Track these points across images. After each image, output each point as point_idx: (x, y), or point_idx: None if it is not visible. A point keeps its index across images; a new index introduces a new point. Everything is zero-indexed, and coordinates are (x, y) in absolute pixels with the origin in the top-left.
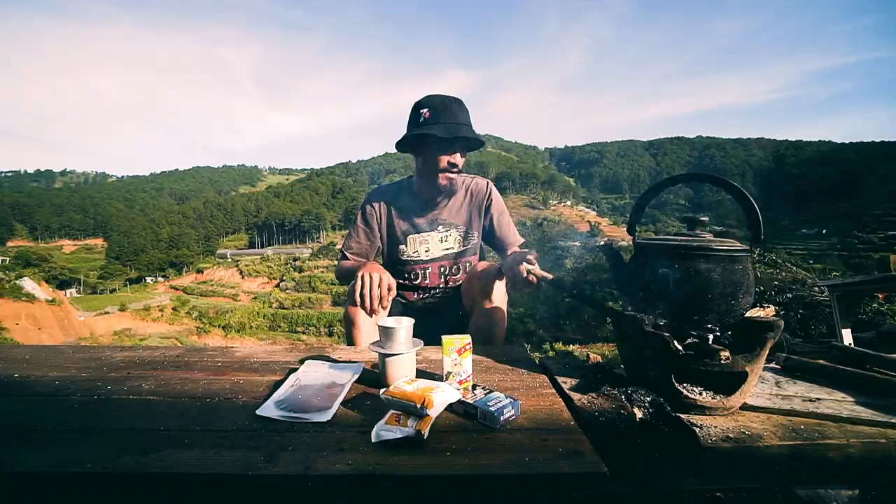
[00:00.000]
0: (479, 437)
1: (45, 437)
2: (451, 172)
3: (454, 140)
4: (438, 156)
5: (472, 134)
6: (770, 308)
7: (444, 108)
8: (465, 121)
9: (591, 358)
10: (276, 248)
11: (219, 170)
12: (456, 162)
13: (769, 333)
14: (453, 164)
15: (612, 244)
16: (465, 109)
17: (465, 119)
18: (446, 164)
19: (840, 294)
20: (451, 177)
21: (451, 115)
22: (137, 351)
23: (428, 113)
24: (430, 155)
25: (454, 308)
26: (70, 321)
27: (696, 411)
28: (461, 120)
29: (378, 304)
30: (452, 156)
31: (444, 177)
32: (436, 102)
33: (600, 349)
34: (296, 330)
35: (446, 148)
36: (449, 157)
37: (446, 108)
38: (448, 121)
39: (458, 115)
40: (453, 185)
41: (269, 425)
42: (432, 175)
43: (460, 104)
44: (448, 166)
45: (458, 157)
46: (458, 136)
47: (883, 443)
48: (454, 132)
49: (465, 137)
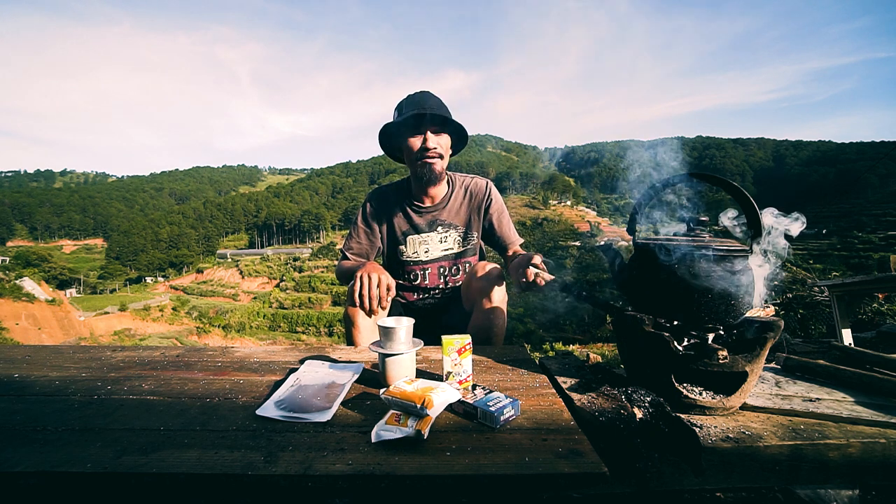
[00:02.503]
0: (479, 437)
1: (45, 437)
2: (428, 157)
3: (414, 123)
4: (410, 142)
5: (427, 111)
6: (770, 308)
7: (409, 101)
8: (432, 105)
9: (591, 358)
10: (276, 248)
11: (219, 170)
12: (428, 145)
13: (769, 333)
14: (426, 148)
15: (612, 244)
16: (432, 96)
17: (432, 104)
18: (419, 147)
19: (840, 294)
20: (429, 161)
21: (414, 104)
22: (137, 351)
23: (396, 113)
24: (404, 146)
25: (454, 308)
26: (70, 321)
27: (696, 411)
28: (426, 105)
29: (377, 305)
30: (423, 139)
31: (420, 163)
32: (402, 102)
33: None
34: (296, 330)
35: (412, 131)
36: (418, 141)
37: (411, 101)
38: (410, 109)
39: (421, 103)
40: (433, 171)
41: (269, 425)
42: (412, 166)
43: (426, 93)
44: (421, 151)
45: (431, 139)
46: (412, 115)
47: (883, 443)
48: (408, 114)
49: (431, 117)
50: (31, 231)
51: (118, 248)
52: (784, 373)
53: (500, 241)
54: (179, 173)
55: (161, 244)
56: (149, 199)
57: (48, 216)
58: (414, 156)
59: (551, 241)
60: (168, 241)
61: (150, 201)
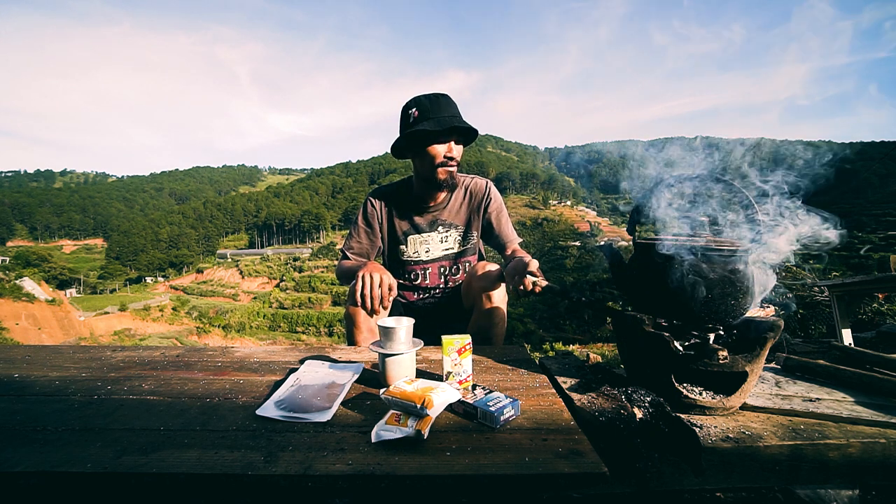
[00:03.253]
0: (479, 437)
1: (45, 437)
2: (450, 165)
3: (447, 132)
4: (435, 150)
5: (463, 123)
6: (770, 308)
7: (433, 103)
8: (455, 113)
9: (591, 358)
10: (276, 248)
11: (219, 170)
12: (453, 154)
13: (769, 333)
14: (450, 157)
15: (612, 244)
16: (453, 103)
17: (455, 112)
18: (443, 157)
19: (840, 294)
20: (451, 169)
21: (439, 109)
22: (137, 351)
23: (417, 112)
24: (426, 151)
25: (454, 308)
26: (70, 321)
27: (696, 411)
28: (451, 112)
29: (378, 305)
30: (448, 148)
31: (443, 171)
32: (423, 101)
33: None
34: (296, 330)
35: (441, 141)
36: (445, 149)
37: (434, 104)
38: (438, 114)
39: (448, 109)
40: (454, 179)
41: (268, 425)
42: (432, 172)
43: (448, 99)
44: (445, 159)
45: (455, 149)
46: (451, 126)
47: (883, 443)
48: (446, 123)
49: (457, 128)
50: (31, 231)
51: (118, 248)
52: (784, 373)
53: (498, 240)
54: (179, 173)
55: (161, 244)
56: (149, 199)
57: (48, 216)
58: (438, 163)
59: (551, 241)
60: (168, 241)
61: (150, 201)
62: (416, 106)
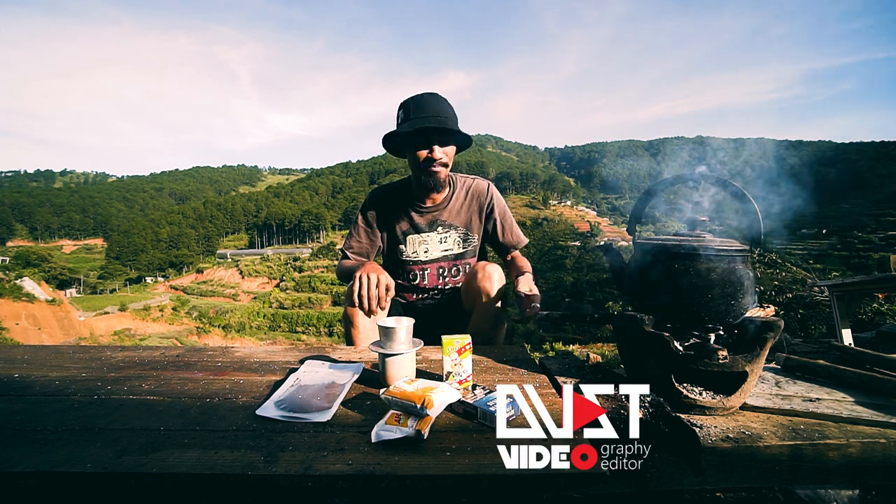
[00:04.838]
0: (479, 437)
1: (45, 437)
2: (434, 167)
3: (427, 134)
4: (415, 153)
5: (437, 124)
6: (770, 308)
7: (416, 105)
8: (440, 113)
9: (591, 358)
10: (276, 248)
11: (219, 170)
12: (435, 156)
13: (769, 333)
14: (432, 159)
15: (612, 244)
16: (441, 101)
17: (440, 111)
18: (425, 158)
19: (840, 294)
20: (435, 170)
21: (420, 109)
22: (137, 351)
23: (402, 114)
24: (411, 153)
25: (454, 308)
26: (70, 321)
27: (696, 411)
28: (435, 112)
29: (376, 305)
30: (430, 151)
31: (426, 172)
32: (409, 102)
33: (600, 349)
34: (296, 330)
35: (420, 144)
36: (425, 151)
37: (417, 105)
38: (419, 116)
39: (432, 109)
40: (438, 180)
41: (268, 425)
42: (417, 173)
43: (434, 98)
44: (427, 161)
45: (437, 151)
46: (422, 127)
47: (883, 443)
48: (418, 125)
49: (440, 129)
50: (31, 231)
51: (118, 248)
52: (784, 373)
53: (505, 245)
54: (179, 173)
55: (161, 244)
56: (149, 199)
57: (48, 216)
58: (420, 165)
59: (551, 241)
60: (168, 241)
61: (150, 201)
62: (403, 107)
